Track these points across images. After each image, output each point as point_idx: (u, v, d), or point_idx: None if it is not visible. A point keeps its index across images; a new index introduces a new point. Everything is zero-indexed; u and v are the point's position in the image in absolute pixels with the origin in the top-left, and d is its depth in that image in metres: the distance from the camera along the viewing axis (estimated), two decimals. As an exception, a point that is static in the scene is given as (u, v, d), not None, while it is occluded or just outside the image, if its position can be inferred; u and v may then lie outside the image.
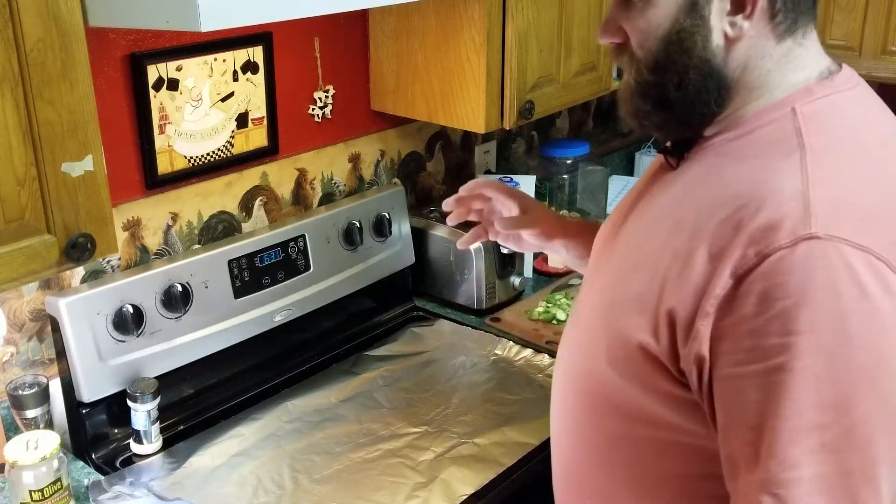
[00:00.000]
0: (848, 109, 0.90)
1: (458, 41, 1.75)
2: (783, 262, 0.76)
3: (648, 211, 0.99)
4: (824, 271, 0.75)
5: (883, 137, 0.90)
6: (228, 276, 1.64)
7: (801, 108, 0.88)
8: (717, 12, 0.88)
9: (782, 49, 0.90)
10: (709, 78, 0.90)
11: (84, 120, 1.14)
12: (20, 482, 1.30)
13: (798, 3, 0.89)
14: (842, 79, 0.92)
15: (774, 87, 0.90)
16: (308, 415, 1.63)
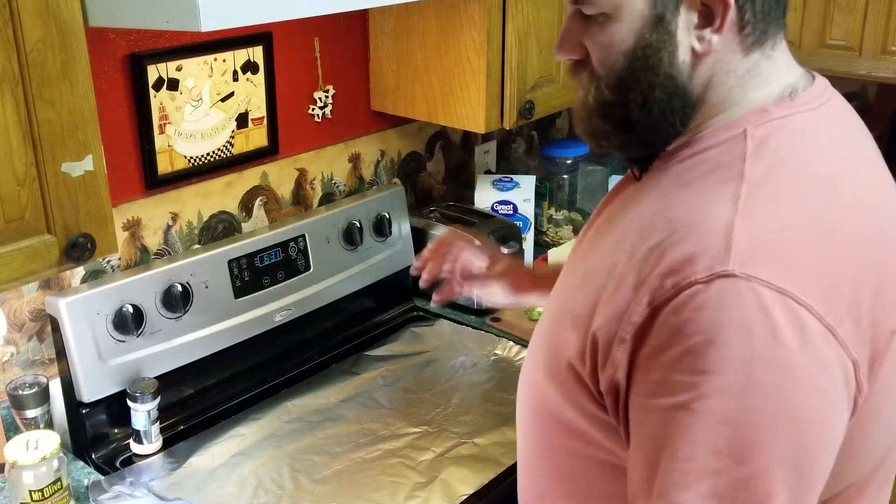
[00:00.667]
0: (802, 134, 0.83)
1: (458, 41, 1.75)
2: (697, 298, 0.71)
3: (604, 224, 0.95)
4: (738, 311, 0.70)
5: (832, 168, 0.83)
6: (228, 276, 1.64)
7: (752, 131, 0.82)
8: (685, 26, 0.82)
9: (748, 63, 0.84)
10: (674, 97, 0.84)
11: (84, 120, 1.14)
12: (20, 482, 1.30)
13: (768, 13, 0.83)
14: (805, 97, 0.85)
15: (734, 105, 0.85)
16: (308, 415, 1.63)
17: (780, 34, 0.86)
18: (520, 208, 2.12)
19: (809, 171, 0.81)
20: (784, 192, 0.78)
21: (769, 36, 0.84)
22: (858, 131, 0.92)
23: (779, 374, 0.70)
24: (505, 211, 2.12)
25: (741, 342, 0.70)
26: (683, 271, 0.73)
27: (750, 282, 0.71)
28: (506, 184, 2.14)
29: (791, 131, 0.83)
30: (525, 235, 2.11)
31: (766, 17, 0.83)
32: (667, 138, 0.87)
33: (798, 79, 0.87)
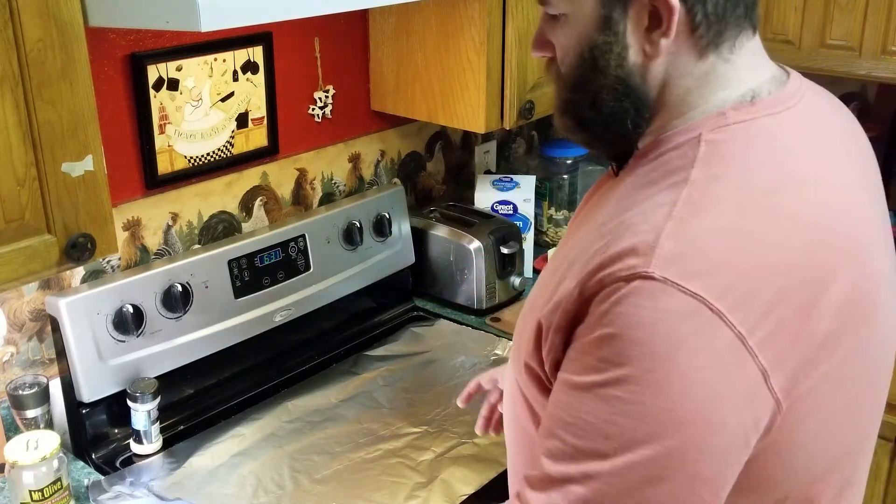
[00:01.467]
0: (757, 140, 0.82)
1: (458, 41, 1.75)
2: (617, 293, 0.75)
3: (580, 220, 0.97)
4: (649, 311, 0.73)
5: (783, 176, 0.81)
6: (228, 276, 1.64)
7: (707, 135, 0.82)
8: (634, 28, 0.82)
9: (704, 66, 0.83)
10: (624, 98, 0.85)
11: (84, 120, 1.14)
12: (20, 482, 1.30)
13: (723, 15, 0.81)
14: (769, 102, 0.84)
15: (692, 108, 0.85)
16: (308, 415, 1.63)
17: (740, 36, 0.84)
18: (520, 208, 2.12)
19: (753, 180, 0.80)
20: (721, 200, 0.79)
21: (725, 38, 0.83)
22: (832, 134, 0.90)
23: (675, 375, 0.73)
24: (505, 211, 2.12)
25: (646, 341, 0.73)
26: (612, 267, 0.76)
27: (666, 284, 0.73)
28: (506, 184, 2.14)
29: (745, 137, 0.83)
30: (525, 235, 2.11)
31: (721, 19, 0.82)
32: (624, 138, 0.88)
33: (764, 82, 0.86)
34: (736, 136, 0.82)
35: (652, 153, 0.86)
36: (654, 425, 0.73)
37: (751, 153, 0.82)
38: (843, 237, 0.82)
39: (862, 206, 0.87)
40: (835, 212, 0.83)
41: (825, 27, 2.06)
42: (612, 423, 0.75)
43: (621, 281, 0.75)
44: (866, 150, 0.98)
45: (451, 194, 2.24)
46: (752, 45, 0.86)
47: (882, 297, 0.86)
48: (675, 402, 0.73)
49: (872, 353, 0.86)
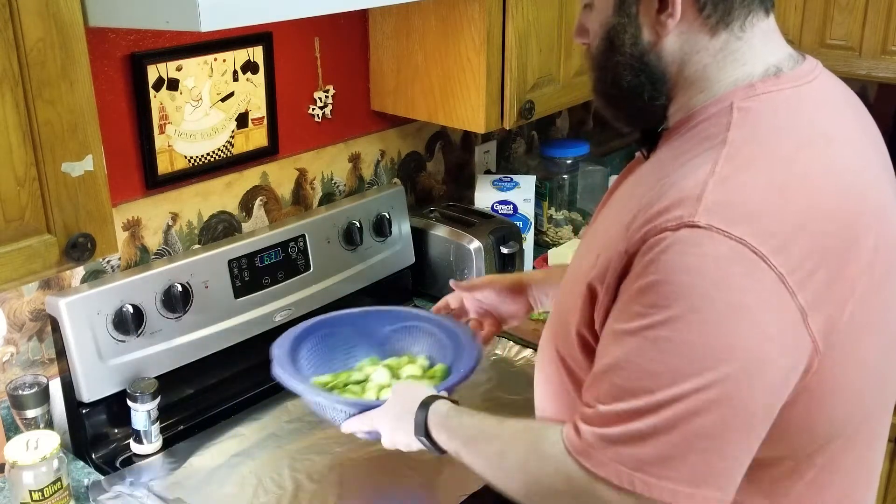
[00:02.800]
0: (785, 107, 0.89)
1: (458, 41, 1.75)
2: (663, 242, 0.80)
3: (611, 203, 1.03)
4: (694, 257, 0.78)
5: (812, 139, 0.88)
6: (228, 276, 1.64)
7: (739, 104, 0.89)
8: (645, 11, 0.91)
9: (718, 43, 0.90)
10: (641, 73, 0.93)
11: (84, 120, 1.14)
12: (20, 482, 1.30)
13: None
14: (792, 76, 0.91)
15: (715, 82, 0.91)
16: (308, 415, 1.63)
17: (750, 16, 0.91)
18: (520, 208, 2.12)
19: (784, 140, 0.86)
20: (760, 156, 0.84)
21: (734, 17, 0.90)
22: (847, 108, 0.97)
23: (723, 313, 0.77)
24: (505, 211, 2.12)
25: (692, 283, 0.78)
26: (657, 220, 0.81)
27: (711, 231, 0.78)
28: (506, 184, 2.14)
29: (776, 104, 0.89)
30: (525, 235, 2.11)
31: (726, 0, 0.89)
32: (645, 113, 0.96)
33: (783, 59, 0.92)
34: (765, 104, 0.88)
35: (684, 127, 0.92)
36: (701, 361, 0.77)
37: (779, 117, 0.88)
38: (868, 193, 0.88)
39: (878, 174, 0.93)
40: (858, 169, 0.89)
41: (825, 27, 2.06)
42: (659, 362, 0.79)
43: (667, 231, 0.80)
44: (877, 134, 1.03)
45: (451, 194, 2.24)
46: (764, 26, 0.92)
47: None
48: (722, 338, 0.77)
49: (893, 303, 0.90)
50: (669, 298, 0.78)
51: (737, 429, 0.80)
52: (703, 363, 0.78)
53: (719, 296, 0.77)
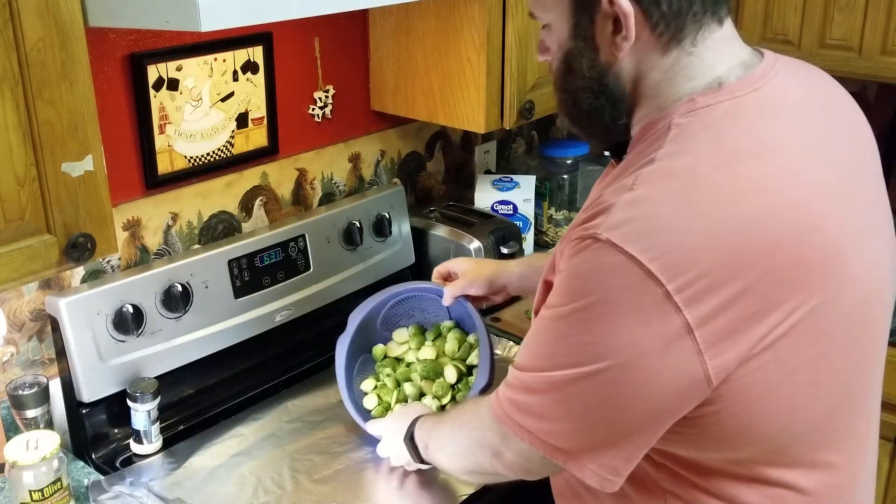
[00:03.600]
0: (718, 122, 0.90)
1: (458, 41, 1.75)
2: (574, 248, 0.88)
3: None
4: (590, 266, 0.86)
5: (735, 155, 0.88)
6: (228, 276, 1.64)
7: (677, 120, 0.91)
8: (601, 33, 0.92)
9: (669, 60, 0.92)
10: (600, 95, 0.96)
11: (84, 120, 1.14)
12: (20, 482, 1.30)
13: (678, 13, 0.89)
14: (734, 87, 0.91)
15: (664, 98, 0.93)
16: (308, 415, 1.63)
17: (701, 30, 0.92)
18: (520, 208, 2.12)
19: (706, 156, 0.88)
20: (672, 174, 0.87)
21: (686, 33, 0.91)
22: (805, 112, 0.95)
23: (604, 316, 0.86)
24: (505, 211, 2.12)
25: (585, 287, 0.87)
26: (577, 229, 0.90)
27: (608, 245, 0.85)
28: (506, 184, 2.14)
29: (710, 119, 0.90)
30: (525, 235, 2.11)
31: (678, 16, 0.90)
32: (608, 131, 0.99)
33: (732, 68, 0.93)
34: (700, 119, 0.90)
35: (638, 141, 0.96)
36: (582, 354, 0.88)
37: (710, 132, 0.90)
38: (792, 203, 0.87)
39: (819, 172, 0.91)
40: (784, 180, 0.88)
41: (825, 27, 2.06)
42: (552, 347, 0.91)
43: (580, 239, 0.88)
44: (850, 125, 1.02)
45: (451, 194, 2.24)
46: (717, 36, 0.93)
47: (848, 255, 0.90)
48: (602, 339, 0.86)
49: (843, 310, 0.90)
50: (566, 297, 0.88)
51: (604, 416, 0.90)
52: (584, 356, 0.88)
53: (604, 303, 0.85)
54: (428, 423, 1.28)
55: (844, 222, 0.90)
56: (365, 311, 1.55)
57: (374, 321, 1.58)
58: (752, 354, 0.85)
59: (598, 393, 0.88)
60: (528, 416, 0.94)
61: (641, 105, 0.95)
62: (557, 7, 0.94)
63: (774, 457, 0.94)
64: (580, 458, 0.92)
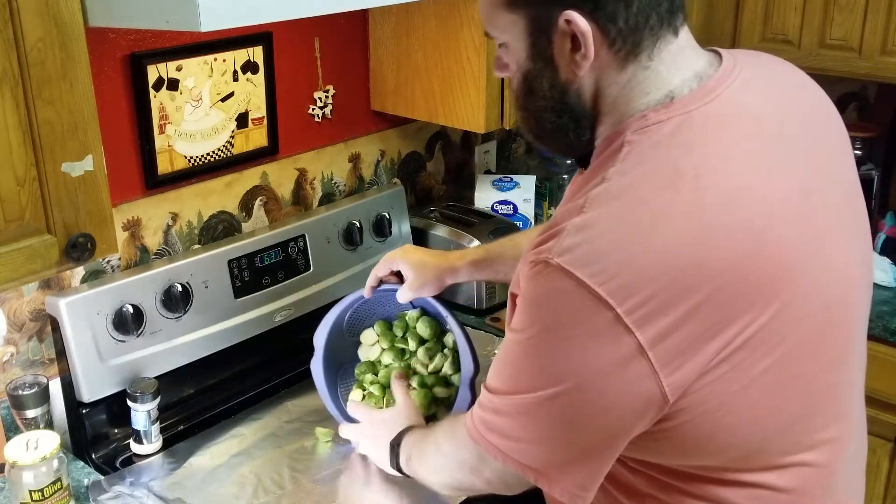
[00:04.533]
0: (667, 140, 0.89)
1: (458, 41, 1.75)
2: (529, 272, 0.89)
3: None
4: (543, 290, 0.88)
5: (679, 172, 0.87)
6: (228, 276, 1.64)
7: (629, 137, 0.91)
8: (560, 52, 0.91)
9: (627, 75, 0.92)
10: (563, 114, 0.96)
11: (84, 120, 1.14)
12: (20, 482, 1.30)
13: (636, 28, 0.89)
14: (685, 101, 0.91)
15: (620, 114, 0.93)
16: (308, 415, 1.63)
17: (658, 42, 0.91)
18: (520, 208, 2.12)
19: (650, 177, 0.88)
20: (619, 196, 0.88)
21: (643, 48, 0.91)
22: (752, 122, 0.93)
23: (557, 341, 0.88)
24: (505, 211, 2.12)
25: (538, 312, 0.89)
26: (536, 249, 0.90)
27: (559, 269, 0.86)
28: (506, 184, 2.14)
29: (658, 137, 0.90)
30: (525, 235, 2.11)
31: (635, 31, 0.90)
32: (573, 147, 1.00)
33: (686, 80, 0.92)
34: (649, 137, 0.90)
35: (598, 154, 0.96)
36: (540, 378, 0.90)
37: (657, 150, 0.89)
38: (738, 219, 0.87)
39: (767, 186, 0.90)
40: (725, 199, 0.87)
41: (825, 27, 2.06)
42: (516, 371, 0.94)
43: (534, 262, 0.89)
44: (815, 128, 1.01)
45: (451, 194, 2.24)
46: (673, 48, 0.92)
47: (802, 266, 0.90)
48: (558, 363, 0.88)
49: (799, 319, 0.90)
50: (524, 322, 0.90)
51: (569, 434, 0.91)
52: (543, 380, 0.90)
53: (558, 328, 0.87)
54: (414, 436, 1.30)
55: (797, 234, 0.90)
56: (327, 327, 1.53)
57: (339, 333, 1.56)
58: (707, 369, 0.86)
59: (559, 414, 0.90)
60: (500, 436, 0.96)
61: (601, 121, 0.95)
62: (514, 27, 0.93)
63: (745, 463, 0.95)
64: (550, 476, 0.94)
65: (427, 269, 1.45)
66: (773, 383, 0.91)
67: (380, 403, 1.51)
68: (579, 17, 0.88)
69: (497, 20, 0.95)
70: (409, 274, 1.45)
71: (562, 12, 0.88)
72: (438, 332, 1.53)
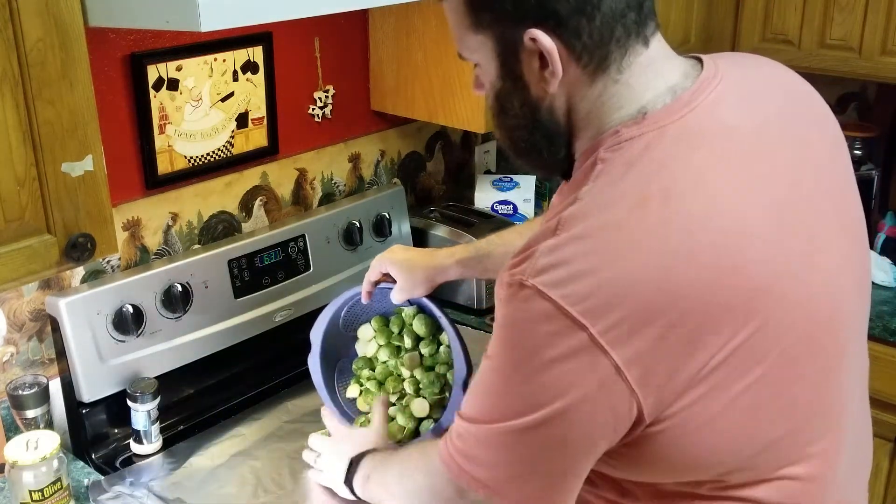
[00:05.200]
0: (639, 158, 0.88)
1: (458, 41, 1.75)
2: (505, 294, 0.88)
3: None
4: (518, 313, 0.87)
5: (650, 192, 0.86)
6: (228, 276, 1.64)
7: (602, 154, 0.90)
8: (528, 70, 0.90)
9: (597, 89, 0.90)
10: (535, 132, 0.95)
11: (84, 120, 1.14)
12: (20, 482, 1.30)
13: (601, 42, 0.88)
14: (657, 116, 0.89)
15: (594, 129, 0.92)
16: (308, 415, 1.63)
17: (627, 54, 0.89)
18: (520, 208, 2.12)
19: (622, 196, 0.87)
20: (591, 216, 0.87)
21: (611, 62, 0.89)
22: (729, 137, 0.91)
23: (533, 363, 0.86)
24: (505, 211, 2.12)
25: (513, 335, 0.88)
26: (508, 271, 0.89)
27: (533, 291, 0.85)
28: (506, 184, 2.14)
29: (630, 155, 0.88)
30: (525, 235, 2.11)
31: (601, 45, 0.88)
32: (549, 165, 0.99)
33: (659, 94, 0.90)
34: (623, 153, 0.89)
35: (577, 168, 0.95)
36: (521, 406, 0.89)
37: (629, 169, 0.88)
38: (705, 242, 0.85)
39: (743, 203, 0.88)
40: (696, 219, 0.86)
41: (825, 27, 2.06)
42: (493, 399, 0.92)
43: (507, 284, 0.88)
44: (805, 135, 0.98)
45: (451, 194, 2.24)
46: (644, 60, 0.91)
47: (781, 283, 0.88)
48: (536, 387, 0.87)
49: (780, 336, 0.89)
50: (501, 347, 0.89)
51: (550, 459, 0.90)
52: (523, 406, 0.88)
53: (536, 351, 0.86)
54: (378, 457, 1.28)
55: (775, 253, 0.88)
56: (324, 323, 1.53)
57: (336, 329, 1.56)
58: (685, 389, 0.86)
59: (541, 440, 0.89)
60: (479, 466, 0.95)
61: (578, 136, 0.94)
62: (483, 48, 0.93)
63: (731, 478, 0.94)
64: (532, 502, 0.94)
65: (416, 270, 1.45)
66: (756, 402, 0.89)
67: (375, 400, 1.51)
68: (543, 35, 0.87)
69: (467, 41, 0.94)
70: (398, 277, 1.45)
71: (526, 31, 0.87)
72: (434, 330, 1.53)
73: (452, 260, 1.46)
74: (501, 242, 1.45)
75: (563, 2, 0.86)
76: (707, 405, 0.87)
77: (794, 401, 0.93)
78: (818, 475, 0.97)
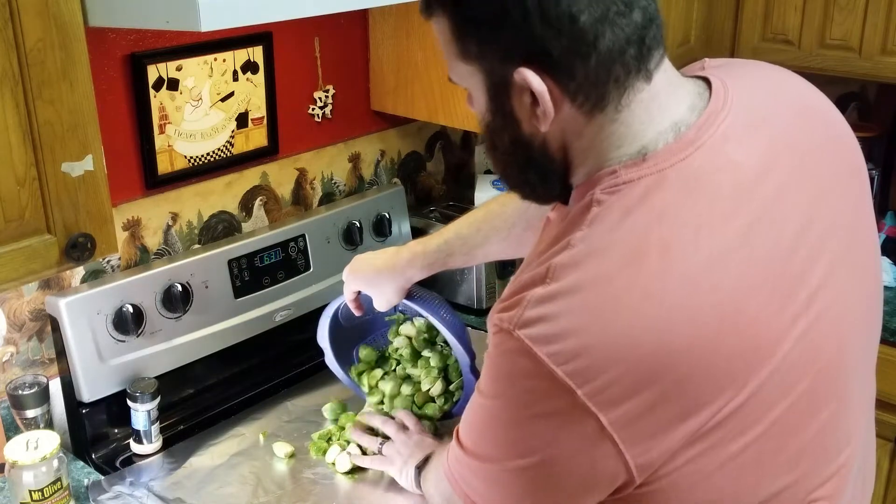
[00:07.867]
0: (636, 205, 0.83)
1: (458, 41, 1.75)
2: (494, 338, 0.87)
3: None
4: (506, 362, 0.85)
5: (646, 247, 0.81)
6: (228, 276, 1.64)
7: (598, 195, 0.85)
8: (520, 107, 0.85)
9: (594, 126, 0.85)
10: (528, 169, 0.91)
11: (84, 120, 1.14)
12: (20, 482, 1.30)
13: (597, 81, 0.82)
14: (659, 157, 0.84)
15: (591, 166, 0.87)
16: (308, 415, 1.63)
17: (626, 92, 0.83)
18: (520, 208, 2.12)
19: (617, 250, 0.82)
20: (584, 268, 0.82)
21: (609, 100, 0.83)
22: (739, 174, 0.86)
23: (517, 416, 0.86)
24: (505, 211, 2.11)
25: (503, 384, 0.87)
26: (497, 314, 0.87)
27: (521, 343, 0.82)
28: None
29: (627, 200, 0.84)
30: (525, 235, 2.11)
31: (597, 85, 0.82)
32: (543, 197, 0.96)
33: (660, 133, 0.85)
34: (621, 198, 0.84)
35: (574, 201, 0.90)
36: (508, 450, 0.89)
37: (626, 217, 0.83)
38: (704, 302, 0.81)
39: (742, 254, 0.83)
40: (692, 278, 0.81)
41: (825, 27, 2.06)
42: (476, 433, 0.93)
43: (496, 328, 0.86)
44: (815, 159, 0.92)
45: (451, 194, 2.24)
46: (646, 96, 0.85)
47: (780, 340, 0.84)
48: (523, 436, 0.86)
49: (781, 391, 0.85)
50: (490, 389, 0.88)
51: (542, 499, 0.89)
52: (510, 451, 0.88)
53: (522, 404, 0.85)
54: (434, 460, 1.31)
55: (777, 308, 0.84)
56: (325, 328, 1.56)
57: (338, 325, 1.58)
58: (678, 451, 0.82)
59: (530, 482, 0.89)
60: (473, 491, 0.96)
61: (574, 171, 0.89)
62: (472, 78, 0.87)
63: None
64: None
65: (383, 284, 1.44)
66: (756, 458, 0.85)
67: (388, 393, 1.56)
68: (533, 75, 0.81)
69: (456, 68, 0.88)
70: (369, 293, 1.46)
71: (515, 69, 0.82)
72: (428, 327, 1.54)
73: (415, 269, 1.42)
74: (461, 243, 1.40)
75: (555, 41, 0.80)
76: (702, 465, 0.83)
77: (800, 451, 0.89)
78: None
